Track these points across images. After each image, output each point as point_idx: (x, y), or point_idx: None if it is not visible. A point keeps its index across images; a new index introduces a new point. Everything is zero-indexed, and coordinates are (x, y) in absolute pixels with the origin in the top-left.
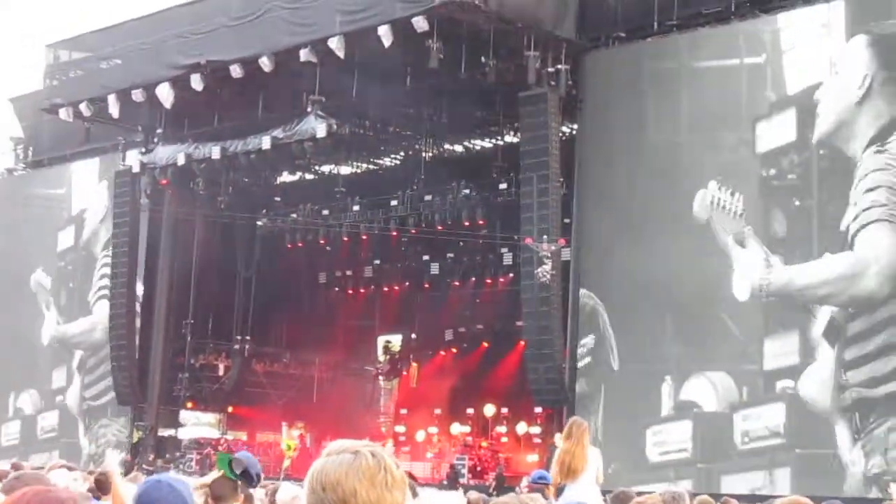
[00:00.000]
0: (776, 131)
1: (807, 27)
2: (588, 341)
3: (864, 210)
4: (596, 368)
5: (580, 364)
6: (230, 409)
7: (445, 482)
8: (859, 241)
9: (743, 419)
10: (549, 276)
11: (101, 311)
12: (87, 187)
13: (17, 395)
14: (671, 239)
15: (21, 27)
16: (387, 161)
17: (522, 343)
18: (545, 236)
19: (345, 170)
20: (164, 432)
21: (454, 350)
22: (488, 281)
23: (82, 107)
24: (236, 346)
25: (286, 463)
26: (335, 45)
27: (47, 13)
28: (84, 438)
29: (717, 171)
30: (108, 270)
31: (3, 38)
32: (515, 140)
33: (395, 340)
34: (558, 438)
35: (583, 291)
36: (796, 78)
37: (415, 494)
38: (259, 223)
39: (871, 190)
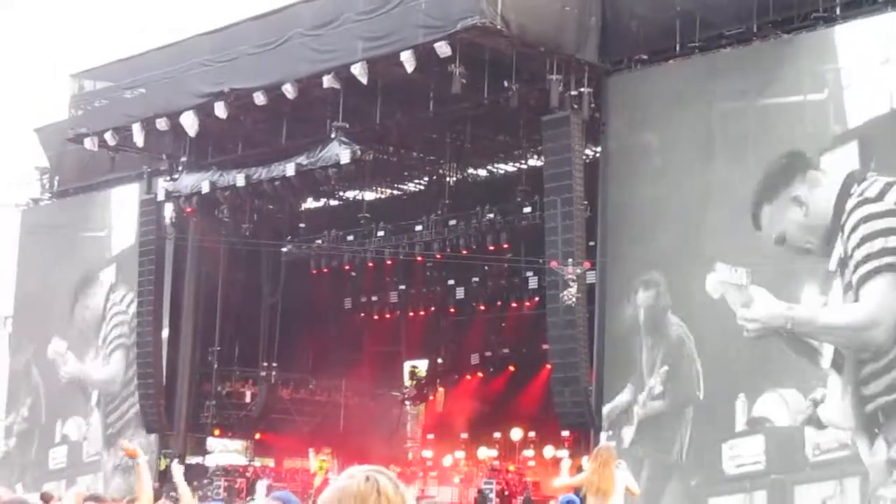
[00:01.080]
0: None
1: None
2: (665, 370)
3: (865, 257)
4: (674, 394)
5: (656, 391)
6: (257, 436)
7: None
8: (865, 292)
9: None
10: (574, 300)
11: (117, 363)
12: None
13: (63, 422)
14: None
15: (46, 57)
16: (411, 186)
17: (549, 366)
18: (570, 259)
19: (369, 195)
20: (192, 460)
21: (480, 374)
22: (514, 305)
23: (107, 136)
24: (262, 373)
25: (317, 481)
26: (358, 71)
27: (71, 44)
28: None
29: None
30: (121, 318)
31: (28, 69)
32: (539, 163)
33: (422, 365)
34: (585, 462)
35: (672, 318)
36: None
37: None
38: (284, 250)
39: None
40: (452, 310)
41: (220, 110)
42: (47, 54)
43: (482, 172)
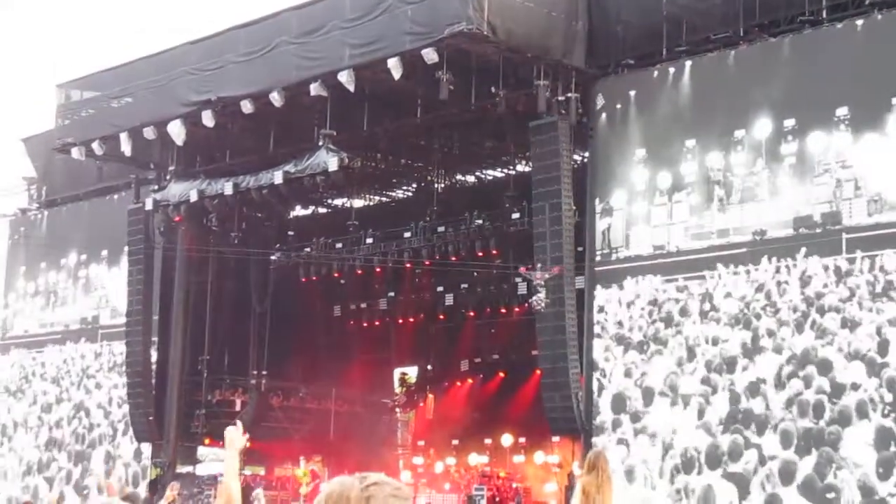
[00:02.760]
0: None
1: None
2: None
3: None
4: None
5: None
6: (247, 445)
7: None
8: None
9: None
10: (543, 305)
11: None
12: None
13: None
14: None
15: (32, 67)
16: (399, 193)
17: (539, 372)
18: (539, 265)
19: (357, 203)
20: (182, 469)
21: (470, 380)
22: (503, 311)
23: (94, 146)
24: (252, 381)
25: (304, 489)
26: (345, 78)
27: (58, 53)
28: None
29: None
30: None
31: (15, 79)
32: (527, 169)
33: (411, 372)
34: (576, 467)
35: None
36: None
37: None
38: (273, 258)
39: None
40: (442, 316)
41: (208, 119)
42: (34, 64)
43: (470, 179)
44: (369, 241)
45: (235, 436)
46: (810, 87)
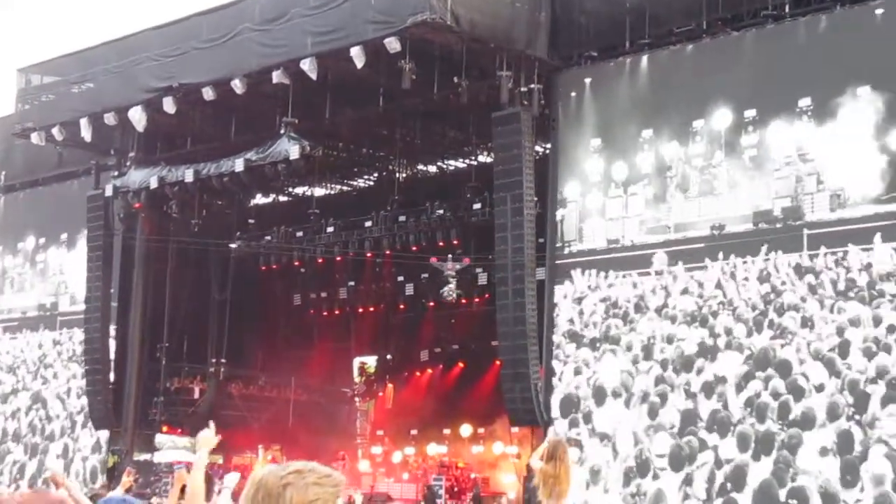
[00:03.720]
0: None
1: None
2: None
3: None
4: None
5: None
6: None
7: (422, 503)
8: None
9: None
10: (454, 295)
11: None
12: None
13: None
14: None
15: None
16: (360, 182)
17: (498, 363)
18: (451, 255)
19: (318, 191)
20: (140, 456)
21: (430, 370)
22: (464, 301)
23: (55, 131)
24: (211, 370)
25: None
26: (307, 66)
27: (19, 37)
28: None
29: None
30: None
31: None
32: (489, 160)
33: (371, 362)
34: (535, 458)
35: None
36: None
37: None
38: (233, 245)
39: None
40: (402, 306)
41: (169, 105)
42: None
43: (432, 169)
44: (330, 229)
45: (209, 436)
46: (772, 77)
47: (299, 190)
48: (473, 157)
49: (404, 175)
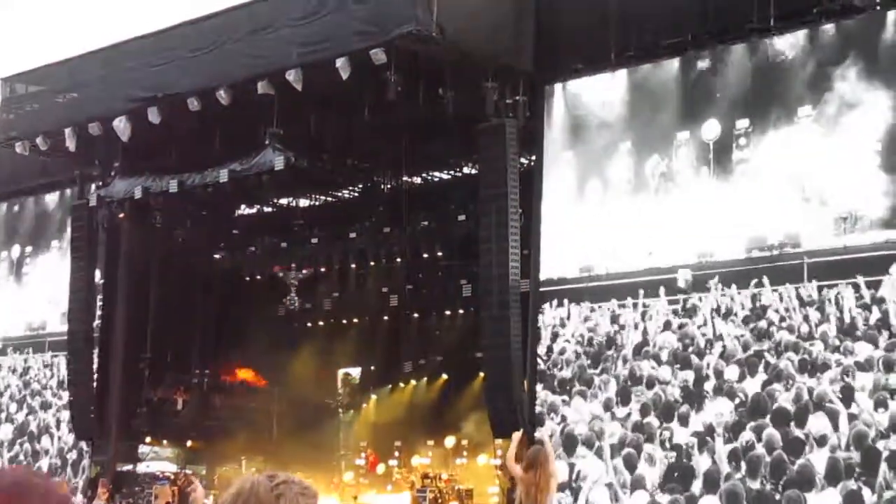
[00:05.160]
0: None
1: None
2: None
3: None
4: None
5: None
6: (189, 444)
7: None
8: None
9: None
10: (296, 304)
11: None
12: None
13: None
14: None
15: None
16: (345, 193)
17: (482, 375)
18: (293, 264)
19: (303, 202)
20: (123, 467)
21: (414, 382)
22: (448, 313)
23: (38, 140)
24: (195, 380)
25: None
26: (293, 77)
27: (2, 47)
28: None
29: None
30: None
31: None
32: (474, 172)
33: (355, 373)
34: (510, 459)
35: None
36: None
37: None
38: (217, 256)
39: None
40: (386, 318)
41: (154, 115)
42: None
43: (417, 180)
44: (314, 240)
45: (165, 492)
46: (769, 85)
47: (284, 201)
48: (458, 169)
49: (389, 186)
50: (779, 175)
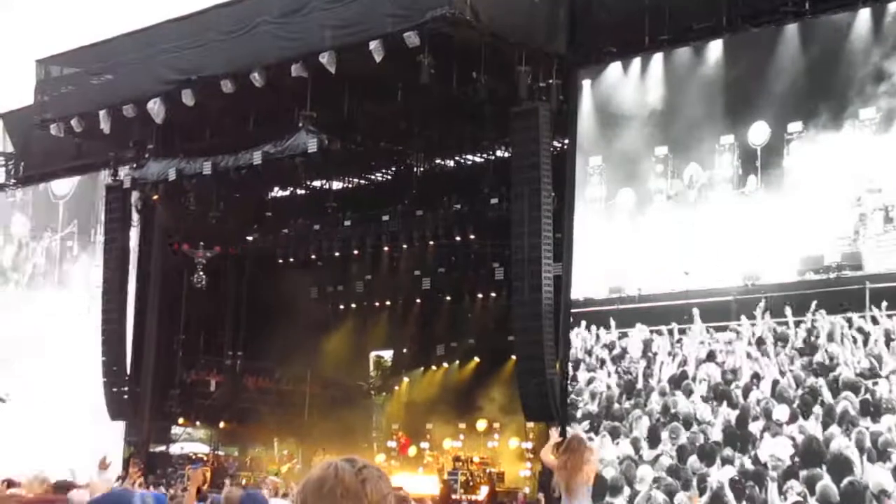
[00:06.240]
0: None
1: None
2: None
3: None
4: None
5: None
6: (221, 425)
7: (437, 498)
8: None
9: None
10: (203, 282)
11: None
12: None
13: None
14: None
15: (11, 43)
16: (378, 176)
17: (514, 358)
18: (201, 243)
19: (336, 185)
20: (156, 448)
21: (446, 365)
22: (480, 296)
23: (73, 122)
24: (228, 362)
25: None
26: (326, 60)
27: (38, 28)
28: None
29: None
30: None
31: None
32: (507, 155)
33: (387, 356)
34: (546, 452)
35: None
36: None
37: None
38: (250, 238)
39: None
40: (419, 300)
41: (188, 98)
42: (13, 39)
43: (450, 163)
44: (347, 223)
45: (198, 475)
46: (822, 81)
47: (317, 183)
48: (491, 153)
49: (422, 169)
50: (836, 186)
